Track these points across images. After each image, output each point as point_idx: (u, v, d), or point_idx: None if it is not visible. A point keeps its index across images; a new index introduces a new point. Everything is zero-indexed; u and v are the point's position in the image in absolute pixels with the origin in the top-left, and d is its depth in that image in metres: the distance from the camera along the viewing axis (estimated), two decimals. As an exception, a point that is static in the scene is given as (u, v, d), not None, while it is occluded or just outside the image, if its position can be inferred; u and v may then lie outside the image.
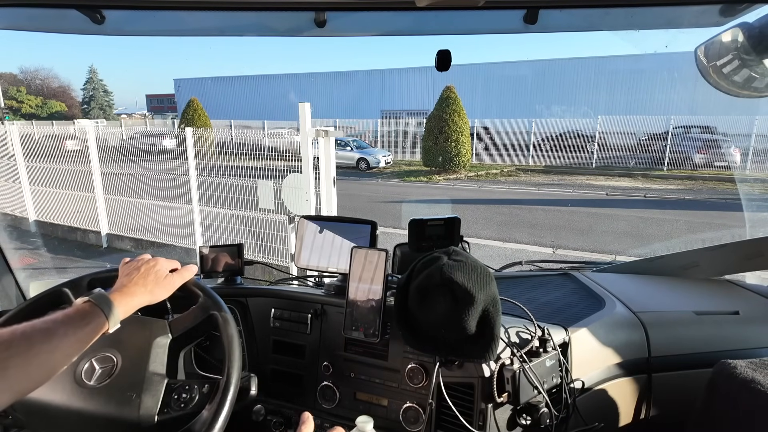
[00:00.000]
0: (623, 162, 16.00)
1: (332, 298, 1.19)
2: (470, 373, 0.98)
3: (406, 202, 10.90)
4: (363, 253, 1.09)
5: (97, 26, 1.05)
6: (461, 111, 14.52)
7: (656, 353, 1.24)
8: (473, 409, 0.98)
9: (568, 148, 17.00)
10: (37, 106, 34.81)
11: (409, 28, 1.23)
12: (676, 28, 1.27)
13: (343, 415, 1.14)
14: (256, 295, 1.28)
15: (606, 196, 11.89)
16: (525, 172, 15.93)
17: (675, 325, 1.31)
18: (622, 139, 17.11)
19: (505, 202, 10.86)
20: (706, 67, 1.06)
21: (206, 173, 6.52)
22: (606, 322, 1.25)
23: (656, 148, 16.18)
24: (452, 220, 1.25)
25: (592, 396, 1.16)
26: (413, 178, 14.76)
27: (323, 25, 1.09)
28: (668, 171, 15.01)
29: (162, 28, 1.24)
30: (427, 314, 0.97)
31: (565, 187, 13.22)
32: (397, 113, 22.99)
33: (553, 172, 15.70)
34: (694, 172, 14.52)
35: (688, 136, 15.96)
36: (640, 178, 14.42)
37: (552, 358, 1.04)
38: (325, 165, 4.02)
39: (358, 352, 1.14)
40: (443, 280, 0.94)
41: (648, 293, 1.50)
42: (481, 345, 0.94)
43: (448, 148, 14.44)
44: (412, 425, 1.06)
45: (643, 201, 11.36)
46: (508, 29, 1.22)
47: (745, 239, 1.50)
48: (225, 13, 1.12)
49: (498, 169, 16.18)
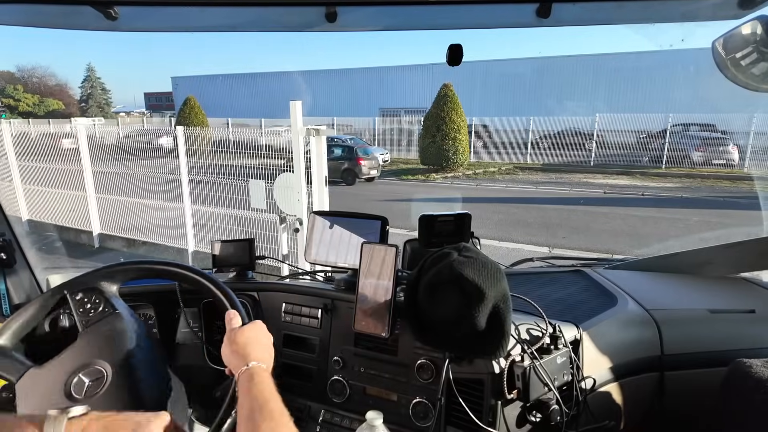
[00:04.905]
0: (621, 160, 15.84)
1: (342, 293, 1.20)
2: (480, 369, 0.98)
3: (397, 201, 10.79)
4: (373, 248, 1.09)
5: (111, 22, 1.06)
6: (459, 109, 14.41)
7: (669, 351, 1.23)
8: (483, 405, 0.97)
9: (566, 146, 16.89)
10: (34, 104, 34.53)
11: (420, 23, 1.22)
12: (693, 21, 1.24)
13: (352, 410, 1.15)
14: (267, 290, 1.29)
15: (604, 194, 11.77)
16: (523, 171, 15.81)
17: (689, 323, 1.29)
18: (620, 137, 16.99)
19: (503, 200, 10.75)
20: (724, 60, 1.04)
21: (201, 172, 6.46)
22: (618, 319, 1.23)
23: (655, 146, 16.02)
24: (462, 216, 1.25)
25: (604, 393, 1.15)
26: (410, 177, 14.69)
27: (334, 20, 1.09)
28: (666, 169, 14.86)
29: (174, 24, 1.24)
30: (437, 310, 0.97)
31: (562, 185, 13.09)
32: (396, 111, 22.83)
33: (551, 170, 15.57)
34: (692, 170, 14.38)
35: (687, 133, 15.79)
36: (638, 176, 14.29)
37: (563, 355, 1.03)
38: (317, 164, 3.96)
39: (368, 347, 1.15)
40: (453, 276, 0.94)
41: (661, 291, 1.48)
42: (491, 341, 0.94)
43: (445, 147, 14.35)
44: (421, 420, 1.06)
45: (640, 199, 11.22)
46: (521, 23, 1.20)
47: (763, 236, 1.48)
48: (236, 9, 1.12)
49: (496, 167, 16.07)
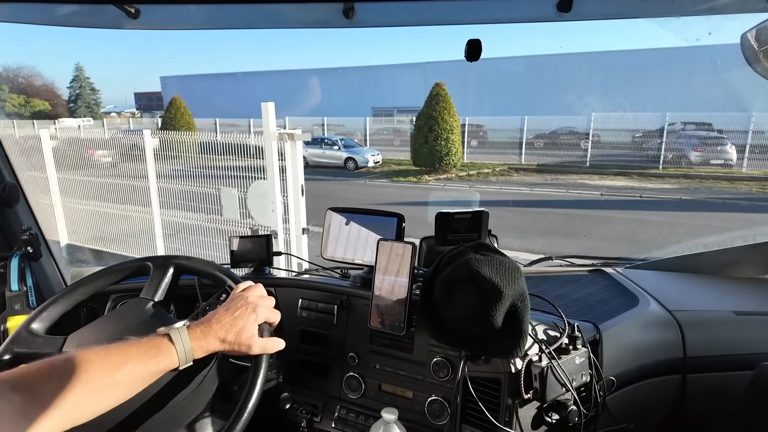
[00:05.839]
0: (617, 160, 15.45)
1: (358, 290, 1.20)
2: (497, 368, 0.97)
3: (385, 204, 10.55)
4: (389, 245, 1.09)
5: (133, 21, 1.08)
6: (451, 108, 13.99)
7: (692, 354, 1.20)
8: (499, 404, 0.96)
9: (561, 146, 16.53)
10: (19, 105, 32.97)
11: (438, 18, 1.21)
12: (721, 14, 1.20)
13: (368, 406, 1.15)
14: (284, 285, 1.30)
15: (601, 196, 11.39)
16: (517, 171, 15.34)
17: (713, 324, 1.26)
18: (616, 136, 16.65)
19: (497, 203, 10.38)
20: (756, 53, 1.00)
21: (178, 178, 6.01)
22: (639, 320, 1.21)
23: (651, 145, 15.65)
24: (480, 213, 1.23)
25: (623, 395, 1.13)
26: (402, 179, 14.29)
27: (351, 16, 1.08)
28: (664, 169, 14.47)
29: (194, 21, 1.25)
30: (453, 308, 0.96)
31: (558, 187, 12.70)
32: (389, 110, 22.44)
33: (546, 171, 15.15)
34: (690, 170, 13.99)
35: (684, 132, 15.38)
36: (635, 176, 13.91)
37: (582, 355, 1.01)
38: (292, 172, 3.69)
39: (384, 344, 1.15)
40: (470, 274, 0.93)
41: (684, 291, 1.44)
42: (508, 341, 0.93)
43: (438, 147, 13.96)
44: (437, 419, 1.05)
45: (639, 202, 10.88)
46: (541, 17, 1.18)
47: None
48: (255, 6, 1.13)
49: (490, 169, 15.62)
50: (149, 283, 1.02)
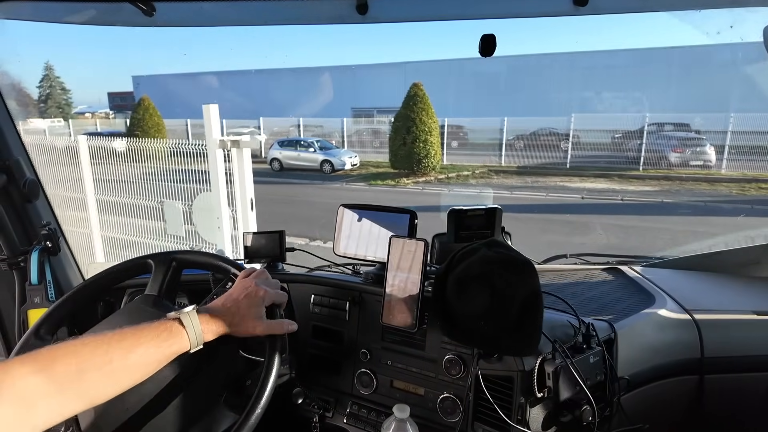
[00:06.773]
0: (598, 161, 15.19)
1: (370, 286, 1.20)
2: (510, 366, 0.97)
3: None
4: (401, 242, 1.09)
5: (148, 18, 1.09)
6: (429, 109, 13.60)
7: (710, 354, 1.17)
8: (512, 402, 0.96)
9: (541, 147, 16.24)
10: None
11: (453, 13, 1.20)
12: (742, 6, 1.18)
13: (379, 402, 1.15)
14: (297, 281, 1.31)
15: (582, 200, 11.08)
16: (497, 174, 14.98)
17: (732, 325, 1.23)
18: (596, 137, 16.40)
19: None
20: None
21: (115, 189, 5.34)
22: (655, 319, 1.19)
23: (631, 146, 15.41)
24: (493, 210, 1.23)
25: (639, 395, 1.11)
26: (380, 182, 13.83)
27: (365, 12, 1.08)
28: (644, 171, 14.24)
29: (209, 18, 1.26)
30: (466, 306, 0.96)
31: (538, 189, 12.34)
32: (369, 111, 21.77)
33: (527, 173, 14.81)
34: (670, 171, 13.79)
35: (663, 133, 15.15)
36: (615, 178, 13.68)
37: (596, 354, 1.00)
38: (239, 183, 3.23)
39: (396, 341, 1.15)
40: (483, 271, 0.92)
41: (702, 291, 1.42)
42: (521, 339, 0.92)
43: (416, 149, 13.57)
44: (449, 416, 1.05)
45: (621, 205, 10.64)
46: (557, 12, 1.16)
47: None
48: (269, 3, 1.14)
49: (470, 171, 15.20)
50: (153, 280, 1.04)
